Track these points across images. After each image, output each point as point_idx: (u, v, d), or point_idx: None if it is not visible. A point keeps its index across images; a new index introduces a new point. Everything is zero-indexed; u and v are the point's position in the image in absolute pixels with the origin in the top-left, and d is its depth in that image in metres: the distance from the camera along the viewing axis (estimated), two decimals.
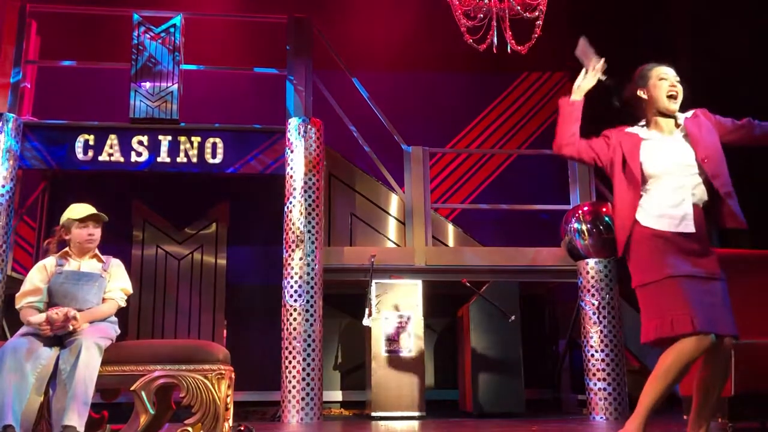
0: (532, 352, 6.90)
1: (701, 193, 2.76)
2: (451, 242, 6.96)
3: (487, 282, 6.46)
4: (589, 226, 6.02)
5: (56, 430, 2.82)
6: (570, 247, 6.20)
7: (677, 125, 2.87)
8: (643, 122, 2.94)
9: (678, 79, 2.88)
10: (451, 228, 7.05)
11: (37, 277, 3.23)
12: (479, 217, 7.98)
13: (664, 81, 2.86)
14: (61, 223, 3.33)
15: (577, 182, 6.71)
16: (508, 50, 6.07)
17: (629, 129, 2.94)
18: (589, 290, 6.04)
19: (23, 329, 3.09)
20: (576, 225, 6.08)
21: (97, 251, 3.36)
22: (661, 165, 2.78)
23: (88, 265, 3.30)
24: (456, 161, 8.57)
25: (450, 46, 7.35)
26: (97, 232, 3.33)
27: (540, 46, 6.16)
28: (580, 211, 6.13)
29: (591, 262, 6.05)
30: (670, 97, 2.83)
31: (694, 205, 2.74)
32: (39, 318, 2.99)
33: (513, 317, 6.26)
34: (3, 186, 6.00)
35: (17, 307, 3.20)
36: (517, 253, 6.60)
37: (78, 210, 3.32)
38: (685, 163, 2.76)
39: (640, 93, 2.90)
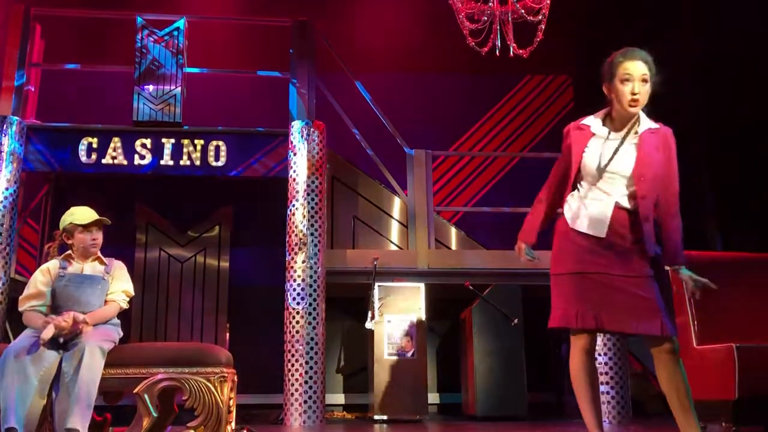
0: (535, 355, 6.88)
1: (633, 203, 2.71)
2: (453, 245, 6.96)
3: (490, 285, 6.45)
4: None
5: None
6: None
7: (636, 131, 2.76)
8: (603, 112, 2.85)
9: (644, 75, 2.70)
10: (453, 231, 7.05)
11: (40, 280, 3.23)
12: (482, 220, 7.98)
13: (627, 83, 2.71)
14: (62, 227, 3.33)
15: None
16: (511, 54, 6.07)
17: (585, 120, 2.88)
18: None
19: (26, 332, 3.10)
20: None
21: (99, 254, 3.36)
22: (596, 168, 2.74)
23: (91, 267, 3.30)
24: (459, 164, 8.58)
25: (453, 48, 7.35)
26: (100, 237, 3.33)
27: (542, 49, 6.16)
28: None
29: None
30: (630, 104, 2.71)
31: (619, 210, 2.69)
32: (49, 332, 2.97)
33: (516, 320, 6.25)
34: (6, 189, 6.01)
35: (20, 310, 3.21)
36: None
37: (81, 215, 3.32)
38: (621, 173, 2.72)
39: (604, 88, 2.81)
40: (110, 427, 3.21)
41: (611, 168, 2.72)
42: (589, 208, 2.73)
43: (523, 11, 5.90)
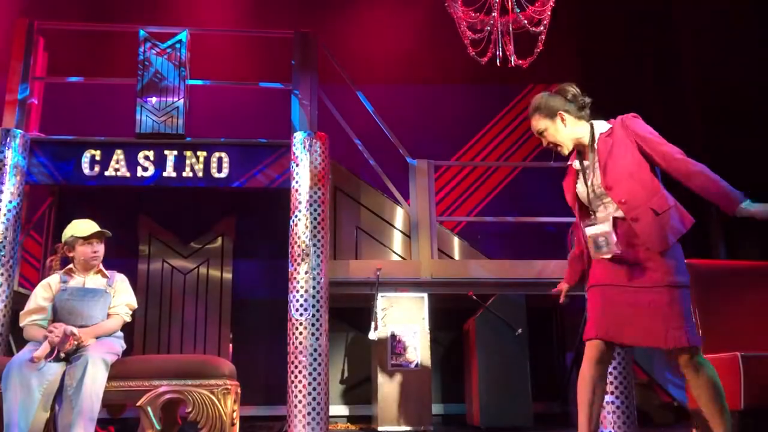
0: (539, 365, 6.85)
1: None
2: (456, 255, 6.94)
3: (493, 295, 6.44)
4: None
5: None
6: None
7: (595, 146, 2.78)
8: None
9: (538, 129, 2.91)
10: (456, 241, 7.04)
11: (41, 295, 3.23)
12: (485, 230, 7.97)
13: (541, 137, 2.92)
14: (63, 240, 3.33)
15: None
16: (512, 63, 6.09)
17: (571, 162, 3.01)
18: None
19: (30, 345, 3.10)
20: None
21: (101, 266, 3.36)
22: (587, 200, 2.83)
23: (93, 280, 3.30)
24: (461, 174, 8.57)
25: (454, 59, 7.38)
26: (101, 249, 3.34)
27: (545, 58, 6.18)
28: None
29: None
30: (554, 150, 2.86)
31: (622, 223, 2.69)
32: (43, 350, 2.96)
33: (520, 330, 6.23)
34: (10, 201, 6.02)
35: (21, 324, 3.20)
36: (524, 265, 6.57)
37: (81, 227, 3.33)
38: (601, 192, 2.76)
39: None
40: None
41: (595, 193, 2.78)
42: (593, 236, 2.74)
43: (525, 21, 5.92)
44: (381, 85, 8.14)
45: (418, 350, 6.10)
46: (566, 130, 2.85)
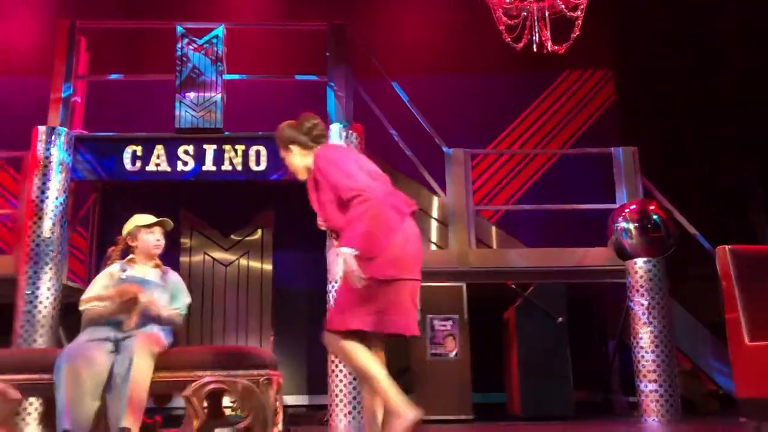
0: (580, 353, 6.79)
1: None
2: (494, 244, 6.91)
3: (533, 284, 6.39)
4: (636, 224, 5.91)
5: None
6: (617, 246, 6.09)
7: None
8: None
9: (281, 157, 3.15)
10: (494, 230, 7.00)
11: (102, 283, 3.32)
12: (523, 219, 7.90)
13: None
14: (126, 230, 3.42)
15: (623, 180, 6.58)
16: (548, 48, 6.01)
17: None
18: (638, 290, 5.92)
19: (80, 336, 3.19)
20: (623, 224, 5.97)
21: (159, 261, 3.46)
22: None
23: (152, 273, 3.39)
24: (498, 162, 8.51)
25: (489, 46, 7.31)
26: (163, 240, 3.43)
27: (581, 43, 6.08)
28: (627, 210, 6.02)
29: (639, 261, 5.94)
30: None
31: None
32: (131, 321, 3.09)
33: (560, 319, 6.19)
34: (57, 198, 6.19)
35: (81, 308, 3.30)
36: (563, 253, 6.50)
37: (144, 218, 3.43)
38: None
39: None
40: (160, 428, 3.28)
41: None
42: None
43: (562, 6, 5.83)
44: (415, 75, 8.11)
45: (457, 340, 6.10)
46: (297, 159, 3.07)
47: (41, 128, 6.30)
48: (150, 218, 3.44)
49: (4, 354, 3.44)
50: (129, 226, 3.43)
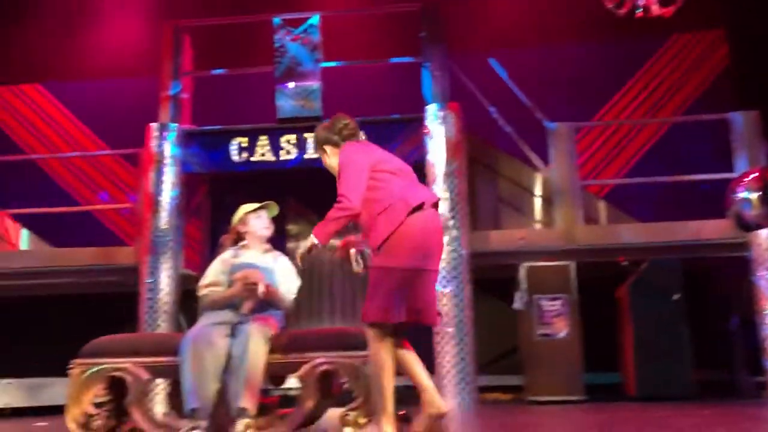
0: (699, 331, 6.45)
1: None
2: (603, 220, 6.66)
3: (646, 260, 6.12)
4: (759, 194, 5.52)
5: (232, 412, 3.04)
6: (738, 218, 5.71)
7: None
8: None
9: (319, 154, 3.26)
10: (602, 205, 6.75)
11: (217, 269, 3.49)
12: (633, 192, 7.55)
13: None
14: (236, 218, 3.58)
15: (743, 147, 6.16)
16: (654, 12, 5.68)
17: None
18: (762, 263, 5.55)
19: (200, 321, 3.34)
20: (744, 193, 5.58)
21: (269, 246, 3.59)
22: None
23: (262, 258, 3.52)
24: (604, 135, 8.15)
25: (589, 16, 7.02)
26: (272, 225, 3.57)
27: (690, 4, 5.72)
28: (748, 178, 5.63)
29: (764, 233, 5.56)
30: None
31: None
32: (250, 305, 3.22)
33: (677, 295, 5.90)
34: (172, 190, 6.51)
35: (200, 294, 3.47)
36: (678, 227, 6.18)
37: (251, 205, 3.57)
38: None
39: None
40: (276, 409, 3.39)
41: None
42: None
43: None
44: (512, 49, 7.90)
45: (566, 319, 5.95)
46: (331, 160, 3.19)
47: (154, 125, 6.63)
48: (256, 204, 3.57)
49: (133, 339, 3.66)
50: (238, 214, 3.58)
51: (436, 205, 2.97)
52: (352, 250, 3.11)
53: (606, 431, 3.38)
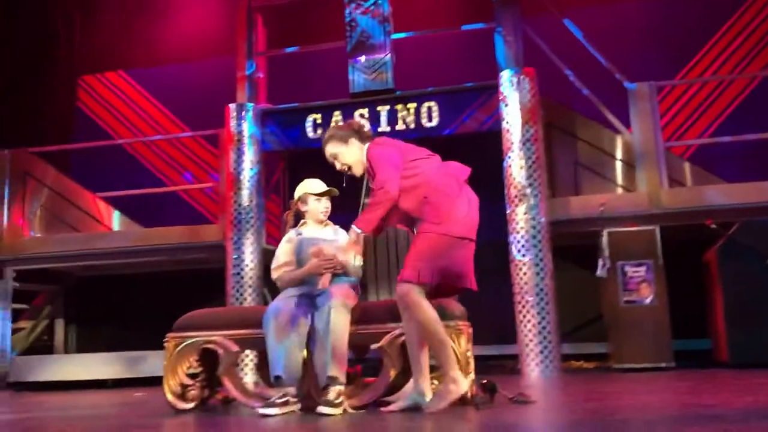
0: None
1: None
2: (689, 182, 6.40)
3: (735, 222, 5.85)
4: None
5: (322, 381, 3.14)
6: None
7: None
8: None
9: (330, 156, 3.41)
10: (688, 167, 6.48)
11: (286, 250, 3.58)
12: (721, 152, 7.20)
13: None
14: (297, 195, 3.65)
15: None
16: None
17: None
18: None
19: (281, 294, 3.45)
20: None
21: (329, 221, 3.65)
22: None
23: (323, 232, 3.59)
24: (688, 93, 7.78)
25: None
26: (329, 205, 3.62)
27: None
28: None
29: None
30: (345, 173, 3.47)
31: None
32: (325, 280, 3.30)
33: None
34: (251, 169, 6.69)
35: (274, 278, 3.57)
36: None
37: (313, 185, 3.62)
38: None
39: None
40: (361, 377, 3.47)
41: None
42: None
43: None
44: (587, 8, 7.62)
45: (652, 285, 5.78)
46: (355, 151, 3.36)
47: (232, 106, 6.81)
48: (318, 186, 3.60)
49: (221, 312, 3.82)
50: (299, 191, 3.64)
51: (468, 180, 3.27)
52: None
53: (698, 397, 3.29)
